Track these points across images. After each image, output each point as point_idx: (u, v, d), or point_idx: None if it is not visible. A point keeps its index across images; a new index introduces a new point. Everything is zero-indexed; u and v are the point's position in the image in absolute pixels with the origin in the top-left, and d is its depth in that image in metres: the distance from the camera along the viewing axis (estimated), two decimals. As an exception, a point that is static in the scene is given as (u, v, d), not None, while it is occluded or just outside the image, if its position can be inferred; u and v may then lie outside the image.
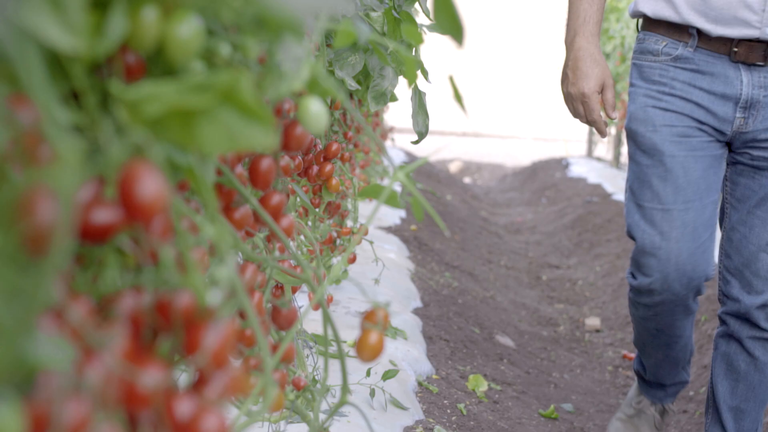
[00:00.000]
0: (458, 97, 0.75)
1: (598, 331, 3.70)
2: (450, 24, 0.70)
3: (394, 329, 2.61)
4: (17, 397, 0.38)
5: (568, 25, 1.79)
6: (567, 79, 1.76)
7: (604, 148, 8.79)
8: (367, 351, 0.76)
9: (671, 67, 1.79)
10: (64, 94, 0.51)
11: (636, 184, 1.84)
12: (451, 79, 0.76)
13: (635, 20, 2.08)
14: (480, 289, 3.89)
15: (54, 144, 0.36)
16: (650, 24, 1.83)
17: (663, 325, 1.93)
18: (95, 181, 0.49)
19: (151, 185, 0.43)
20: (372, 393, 2.07)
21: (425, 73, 1.17)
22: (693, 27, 1.76)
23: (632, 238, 1.86)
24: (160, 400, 0.46)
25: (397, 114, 5.43)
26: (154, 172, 0.43)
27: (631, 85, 1.85)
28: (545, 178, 8.17)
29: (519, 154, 9.71)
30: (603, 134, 1.78)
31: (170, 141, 0.47)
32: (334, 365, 2.07)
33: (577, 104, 1.75)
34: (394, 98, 1.52)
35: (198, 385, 0.49)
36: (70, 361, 0.40)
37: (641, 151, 1.81)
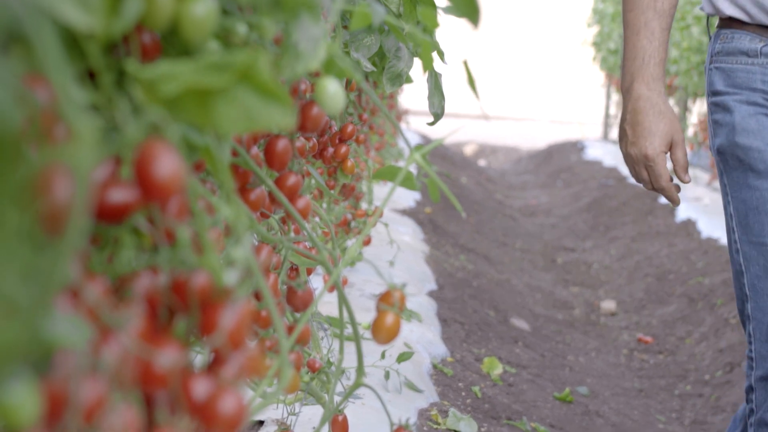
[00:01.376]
0: (472, 82, 0.74)
1: (613, 314, 3.69)
2: (466, 6, 0.69)
3: (408, 312, 2.61)
4: (34, 376, 0.38)
5: (624, 67, 1.44)
6: (626, 137, 1.41)
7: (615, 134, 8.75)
8: (383, 333, 0.76)
9: None
10: (80, 74, 0.51)
11: (752, 217, 1.45)
12: (465, 63, 0.75)
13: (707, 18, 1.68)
14: (495, 272, 3.88)
15: (70, 122, 0.35)
16: (738, 20, 1.49)
17: None
18: (111, 161, 0.49)
19: (168, 165, 0.43)
20: (387, 375, 2.07)
21: (441, 54, 1.17)
22: None
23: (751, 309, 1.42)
24: (177, 381, 0.46)
25: (412, 96, 5.42)
26: (171, 152, 0.43)
27: (716, 93, 1.49)
28: (561, 160, 8.14)
29: (534, 136, 9.67)
30: (675, 202, 1.41)
31: (187, 121, 0.47)
32: (349, 348, 2.08)
33: (639, 168, 1.40)
34: (409, 80, 1.51)
35: (214, 365, 0.49)
36: (87, 341, 0.39)
37: (755, 172, 1.42)
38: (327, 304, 2.40)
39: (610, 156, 7.57)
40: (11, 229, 0.28)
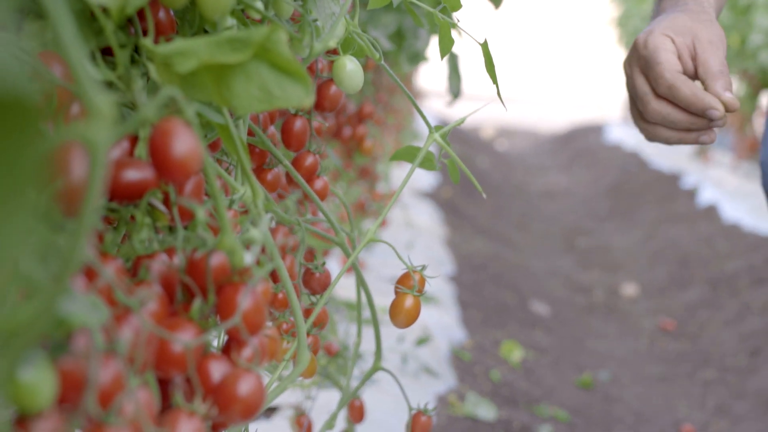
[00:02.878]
0: (490, 66, 0.73)
1: (634, 299, 3.67)
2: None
3: (426, 295, 2.60)
4: (51, 356, 0.38)
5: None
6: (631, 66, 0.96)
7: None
8: (401, 316, 0.75)
9: None
10: (95, 51, 0.50)
11: None
12: (484, 46, 0.74)
13: None
14: (514, 256, 3.86)
15: (87, 99, 0.35)
16: None
17: None
18: (127, 139, 0.48)
19: (186, 143, 0.42)
20: (404, 360, 2.07)
21: (458, 33, 1.15)
22: None
23: None
24: (194, 363, 0.46)
25: (428, 78, 5.39)
26: (188, 130, 0.42)
27: None
28: (580, 143, 8.08)
29: (554, 119, 9.60)
30: (713, 127, 0.94)
31: (203, 98, 0.46)
32: (365, 332, 2.07)
33: (640, 86, 0.94)
34: (424, 58, 1.50)
35: (231, 348, 0.48)
36: (104, 322, 0.39)
37: None
38: (343, 289, 2.39)
39: (631, 139, 7.51)
40: (29, 208, 0.28)
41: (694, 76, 0.93)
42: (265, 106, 0.47)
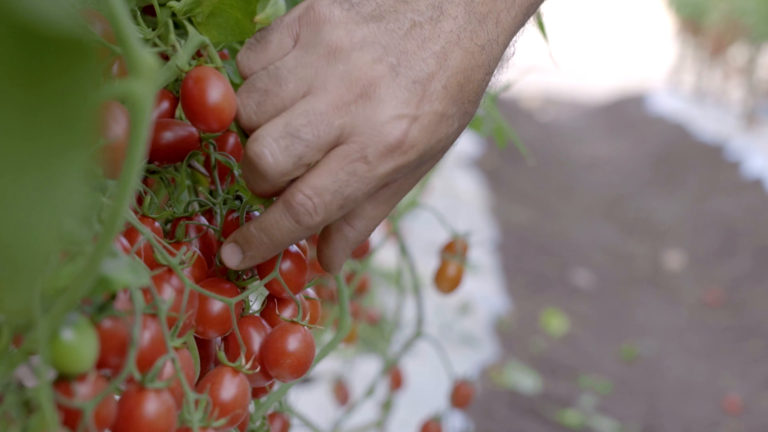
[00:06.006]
0: (541, 27, 0.71)
1: (678, 270, 3.61)
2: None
3: (467, 264, 2.59)
4: (93, 318, 0.37)
5: None
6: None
7: (685, 84, 8.49)
8: (445, 283, 0.74)
9: None
10: (137, 10, 0.50)
11: None
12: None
13: None
14: (556, 225, 3.83)
15: (131, 56, 0.34)
16: None
17: None
18: (167, 100, 0.48)
19: (220, 89, 0.42)
20: (446, 329, 2.06)
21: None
22: None
23: None
24: (235, 323, 0.45)
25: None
26: (221, 77, 0.42)
27: None
28: (624, 113, 7.96)
29: (596, 88, 9.47)
30: None
31: (234, 34, 0.46)
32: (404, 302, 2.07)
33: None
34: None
35: (273, 308, 0.48)
36: (145, 283, 0.38)
37: None
38: (384, 256, 2.39)
39: (674, 109, 7.38)
40: (79, 165, 0.27)
41: None
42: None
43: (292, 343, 0.45)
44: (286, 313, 0.47)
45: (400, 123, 0.43)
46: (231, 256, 0.44)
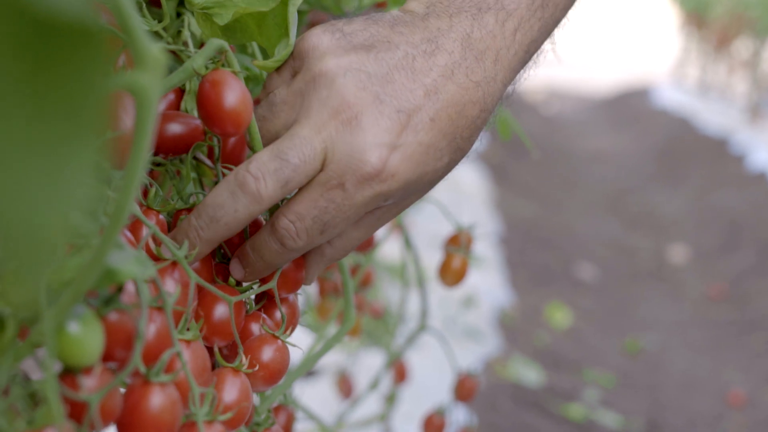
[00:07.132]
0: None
1: (681, 264, 3.61)
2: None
3: (472, 257, 2.59)
4: (98, 311, 0.37)
5: None
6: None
7: (689, 77, 8.47)
8: (450, 276, 0.74)
9: None
10: (143, 1, 0.49)
11: None
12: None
13: None
14: (560, 218, 3.83)
15: (137, 47, 0.34)
16: None
17: None
18: (172, 93, 0.48)
19: (237, 94, 0.41)
20: (449, 322, 2.06)
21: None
22: None
23: None
24: (235, 318, 0.45)
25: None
26: (239, 81, 0.42)
27: None
28: (627, 107, 7.95)
29: (600, 82, 9.45)
30: None
31: (245, 41, 0.45)
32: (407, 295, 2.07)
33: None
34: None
35: (273, 303, 0.48)
36: (150, 275, 0.38)
37: None
38: (386, 249, 2.39)
39: (677, 103, 7.37)
40: (86, 155, 0.26)
41: None
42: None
43: (266, 354, 0.46)
44: (276, 314, 0.48)
45: (379, 151, 0.43)
46: (235, 270, 0.46)
